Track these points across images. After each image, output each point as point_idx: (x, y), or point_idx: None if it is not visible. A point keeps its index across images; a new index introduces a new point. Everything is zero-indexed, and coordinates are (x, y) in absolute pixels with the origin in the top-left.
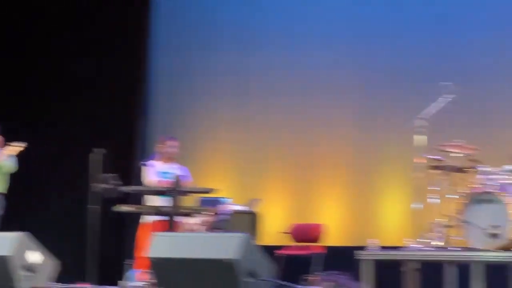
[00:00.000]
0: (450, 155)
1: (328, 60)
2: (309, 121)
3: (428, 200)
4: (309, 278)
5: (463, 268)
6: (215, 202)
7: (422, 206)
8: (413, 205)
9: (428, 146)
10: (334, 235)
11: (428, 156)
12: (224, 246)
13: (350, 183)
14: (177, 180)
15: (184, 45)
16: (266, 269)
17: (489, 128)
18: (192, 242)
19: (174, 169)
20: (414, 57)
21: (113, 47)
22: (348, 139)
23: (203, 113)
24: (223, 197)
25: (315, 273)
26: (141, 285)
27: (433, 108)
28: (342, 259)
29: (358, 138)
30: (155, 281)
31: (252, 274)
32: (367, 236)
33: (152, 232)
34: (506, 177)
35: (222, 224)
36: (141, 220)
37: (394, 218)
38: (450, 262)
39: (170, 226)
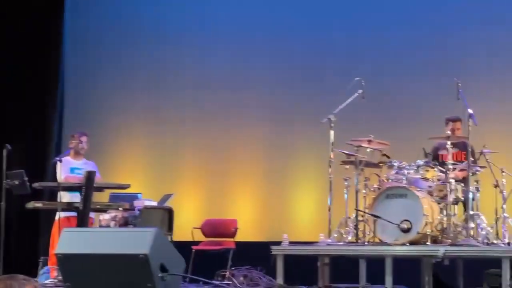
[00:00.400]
0: (364, 150)
1: (243, 56)
2: (223, 116)
3: (342, 195)
4: (223, 273)
5: (376, 262)
6: (127, 197)
7: (335, 201)
8: (327, 200)
9: (341, 141)
10: (249, 230)
11: (341, 151)
12: (135, 241)
13: (265, 178)
14: (89, 176)
15: (98, 41)
16: (178, 263)
17: (400, 123)
18: (102, 237)
19: (85, 165)
20: (328, 54)
21: (25, 44)
22: (263, 134)
23: (116, 109)
24: (135, 193)
25: (229, 268)
26: (49, 282)
27: (345, 104)
28: (257, 254)
29: (272, 133)
30: (62, 277)
31: (163, 269)
32: (282, 231)
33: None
34: (418, 171)
35: (134, 219)
36: (56, 217)
37: (308, 213)
38: (363, 257)
39: (82, 222)
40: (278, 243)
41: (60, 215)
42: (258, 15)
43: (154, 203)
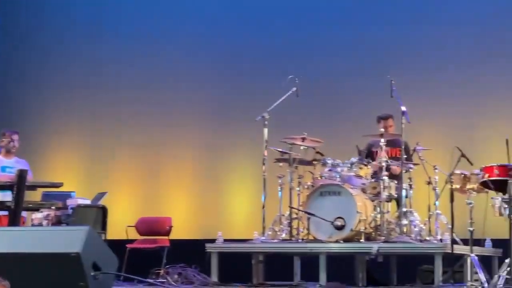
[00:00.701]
0: (298, 148)
1: (176, 55)
2: (158, 115)
3: (276, 192)
4: (157, 271)
5: (310, 260)
6: (60, 196)
7: (270, 198)
8: (261, 198)
9: (275, 139)
10: (184, 228)
11: (275, 149)
12: (67, 240)
13: (200, 176)
14: (21, 174)
15: (28, 38)
16: (111, 262)
17: (334, 121)
18: (33, 236)
19: (16, 163)
20: (261, 52)
21: None
22: (197, 133)
23: (48, 106)
24: (68, 191)
25: (163, 266)
26: None
27: (279, 101)
28: (192, 252)
29: (207, 131)
30: None
31: (96, 268)
32: (217, 229)
33: None
34: (351, 169)
35: (67, 218)
36: None
37: (243, 211)
38: (297, 254)
39: (13, 221)
40: (213, 241)
41: None
42: (192, 14)
43: (88, 202)
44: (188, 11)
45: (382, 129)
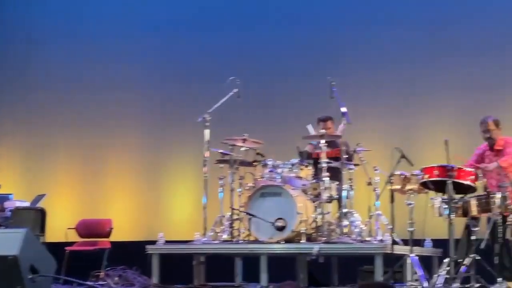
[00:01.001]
0: (239, 149)
1: (115, 55)
2: (98, 116)
3: (217, 193)
4: (97, 273)
5: (251, 260)
6: None
7: (211, 199)
8: (203, 199)
9: (216, 141)
10: (125, 230)
11: (216, 150)
12: (4, 243)
13: (141, 178)
14: None
15: None
16: (49, 265)
17: (275, 122)
18: None
19: None
20: (202, 53)
21: None
22: (139, 134)
23: None
24: (6, 194)
25: (104, 268)
26: None
27: (220, 103)
28: (133, 253)
29: (148, 132)
30: None
31: (34, 270)
32: (158, 230)
33: None
34: (292, 170)
35: (5, 220)
36: None
37: (184, 212)
38: (238, 255)
39: None
40: (154, 242)
41: None
42: (129, 14)
43: (27, 204)
44: (125, 12)
45: (323, 130)
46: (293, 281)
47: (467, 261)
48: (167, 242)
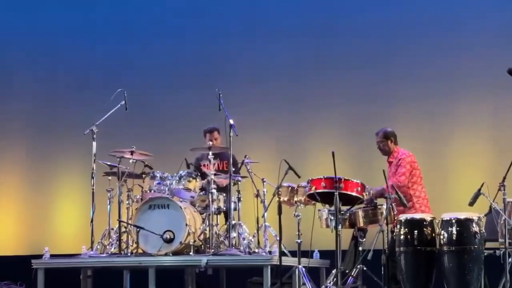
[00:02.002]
0: (127, 161)
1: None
2: None
3: (105, 206)
4: None
5: (140, 273)
6: None
7: (99, 212)
8: (90, 212)
9: (104, 153)
10: (9, 244)
11: (104, 163)
12: None
13: (26, 191)
14: None
15: None
16: None
17: (163, 134)
18: None
19: None
20: (92, 65)
21: None
22: (24, 146)
23: None
24: None
25: None
26: None
27: (108, 115)
28: (18, 268)
29: (34, 145)
30: None
31: None
32: (44, 244)
33: None
34: (180, 182)
35: None
36: None
37: (72, 225)
38: (126, 268)
39: None
40: (40, 257)
41: None
42: (18, 22)
43: None
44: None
45: (210, 142)
46: None
47: (354, 272)
48: (53, 256)
